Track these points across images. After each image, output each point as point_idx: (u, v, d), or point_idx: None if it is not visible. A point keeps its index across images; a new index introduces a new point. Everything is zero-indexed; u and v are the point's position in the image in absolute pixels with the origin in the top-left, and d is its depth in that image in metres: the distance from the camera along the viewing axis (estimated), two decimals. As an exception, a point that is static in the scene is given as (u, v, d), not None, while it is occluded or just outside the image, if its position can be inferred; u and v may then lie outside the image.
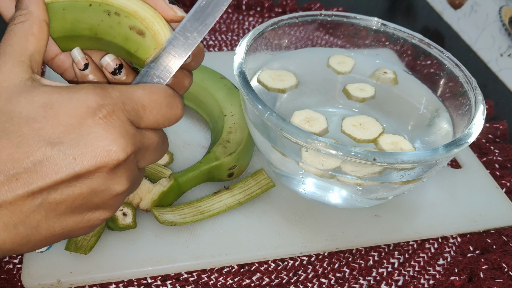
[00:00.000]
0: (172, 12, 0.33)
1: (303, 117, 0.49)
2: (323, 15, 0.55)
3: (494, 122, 0.64)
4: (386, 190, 0.45)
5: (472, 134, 0.42)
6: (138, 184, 0.33)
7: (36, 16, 0.31)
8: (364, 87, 0.54)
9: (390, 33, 0.56)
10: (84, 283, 0.43)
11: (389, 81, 0.55)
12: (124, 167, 0.29)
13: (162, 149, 0.33)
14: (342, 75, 0.56)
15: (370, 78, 0.56)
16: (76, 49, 0.34)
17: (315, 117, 0.49)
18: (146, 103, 0.30)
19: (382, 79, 0.55)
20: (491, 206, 0.53)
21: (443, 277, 0.47)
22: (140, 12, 0.32)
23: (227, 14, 0.82)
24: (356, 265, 0.47)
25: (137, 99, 0.30)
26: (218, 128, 0.53)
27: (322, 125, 0.48)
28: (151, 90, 0.31)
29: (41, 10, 0.31)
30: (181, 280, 0.44)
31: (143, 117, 0.30)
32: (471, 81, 0.49)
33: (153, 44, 0.32)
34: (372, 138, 0.48)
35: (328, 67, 0.56)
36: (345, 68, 0.56)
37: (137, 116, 0.30)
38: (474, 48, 0.82)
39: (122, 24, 0.32)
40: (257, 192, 0.49)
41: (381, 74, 0.55)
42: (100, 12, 0.32)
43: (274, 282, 0.45)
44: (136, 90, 0.30)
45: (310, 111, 0.50)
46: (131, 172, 0.30)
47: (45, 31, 0.31)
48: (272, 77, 0.52)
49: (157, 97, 0.31)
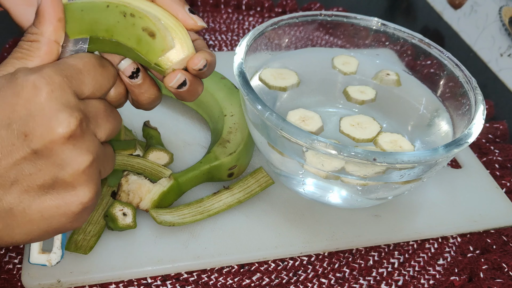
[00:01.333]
0: (192, 22, 0.33)
1: (298, 116, 0.49)
2: (323, 15, 0.55)
3: (494, 122, 0.64)
4: (386, 190, 0.45)
5: (472, 134, 0.42)
6: (109, 159, 0.33)
7: (47, 38, 0.31)
8: (365, 90, 0.54)
9: (390, 33, 0.56)
10: (84, 283, 0.43)
11: (392, 82, 0.55)
12: (80, 135, 0.29)
13: (113, 116, 0.33)
14: (343, 76, 0.56)
15: (373, 80, 0.56)
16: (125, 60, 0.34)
17: (310, 115, 0.49)
18: (81, 66, 0.31)
19: (385, 81, 0.55)
20: (491, 206, 0.53)
21: (443, 277, 0.47)
22: (153, 14, 0.32)
23: (227, 14, 0.82)
24: (356, 265, 0.47)
25: (72, 64, 0.30)
26: (218, 128, 0.53)
27: (317, 123, 0.48)
28: (79, 56, 0.32)
29: (55, 31, 0.32)
30: (181, 280, 0.44)
31: (84, 81, 0.31)
32: (471, 81, 0.49)
33: (161, 46, 0.32)
34: (371, 137, 0.48)
35: (333, 68, 0.56)
36: (350, 68, 0.56)
37: (77, 81, 0.30)
38: (474, 48, 0.82)
39: (136, 25, 0.32)
40: (256, 190, 0.49)
41: (384, 76, 0.55)
42: (116, 13, 0.32)
43: (274, 282, 0.45)
44: (67, 59, 0.31)
45: (305, 110, 0.50)
46: (90, 142, 0.30)
47: (54, 52, 0.32)
48: (274, 75, 0.52)
49: (87, 59, 0.31)
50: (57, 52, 0.32)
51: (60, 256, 0.39)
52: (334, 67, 0.56)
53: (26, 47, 0.31)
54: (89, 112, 0.31)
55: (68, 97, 0.29)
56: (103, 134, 0.32)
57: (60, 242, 0.39)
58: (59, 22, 0.32)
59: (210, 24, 0.79)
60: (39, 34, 0.31)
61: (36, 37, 0.31)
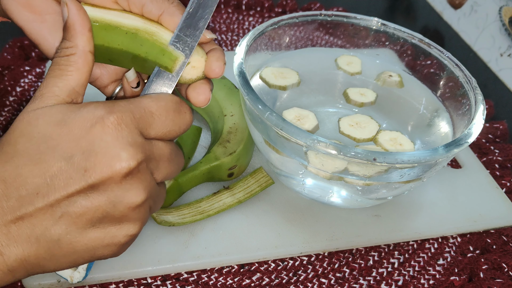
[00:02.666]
0: None
1: (293, 115, 0.49)
2: (323, 15, 0.55)
3: (494, 122, 0.64)
4: (386, 190, 0.45)
5: (472, 134, 0.42)
6: (161, 198, 0.34)
7: (82, 50, 0.32)
8: (365, 92, 0.54)
9: (390, 33, 0.56)
10: (84, 283, 0.43)
11: (395, 84, 0.55)
12: (137, 175, 0.29)
13: (176, 161, 0.33)
14: (343, 76, 0.56)
15: (376, 82, 0.55)
16: (131, 72, 0.36)
17: (305, 114, 0.49)
18: (153, 109, 0.31)
19: (388, 82, 0.55)
20: (491, 206, 0.53)
21: (443, 277, 0.47)
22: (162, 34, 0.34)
23: (227, 14, 0.82)
24: (356, 265, 0.47)
25: (145, 106, 0.31)
26: (218, 128, 0.53)
27: (312, 122, 0.48)
28: (157, 98, 0.32)
29: (88, 41, 0.32)
30: (181, 280, 0.44)
31: (152, 124, 0.31)
32: (471, 81, 0.49)
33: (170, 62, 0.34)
34: (370, 136, 0.48)
35: (338, 69, 0.56)
36: (355, 68, 0.56)
37: (146, 123, 0.30)
38: (474, 48, 0.82)
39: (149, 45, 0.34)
40: (256, 190, 0.49)
41: (387, 78, 0.55)
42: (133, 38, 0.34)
43: (274, 282, 0.45)
44: (143, 99, 0.31)
45: (299, 109, 0.50)
46: (147, 182, 0.30)
47: (90, 62, 0.32)
48: (275, 74, 0.52)
49: (164, 103, 0.32)
50: (92, 62, 0.32)
51: (83, 276, 0.40)
52: (339, 68, 0.56)
53: (63, 62, 0.31)
54: (152, 154, 0.31)
55: (134, 137, 0.29)
56: (160, 176, 0.32)
57: (87, 264, 0.40)
58: (90, 32, 0.32)
59: (210, 24, 0.79)
60: (74, 47, 0.31)
61: (72, 50, 0.31)
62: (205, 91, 0.35)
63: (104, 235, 0.30)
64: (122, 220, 0.30)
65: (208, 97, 0.35)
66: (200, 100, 0.35)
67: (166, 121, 0.31)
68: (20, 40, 0.69)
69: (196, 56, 0.34)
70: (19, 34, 0.71)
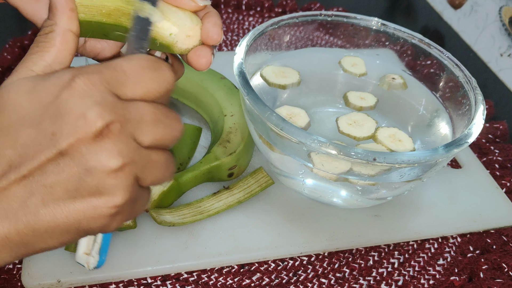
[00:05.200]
0: (193, 4, 0.33)
1: (284, 114, 0.49)
2: (323, 15, 0.55)
3: (494, 122, 0.64)
4: (386, 190, 0.45)
5: (472, 134, 0.42)
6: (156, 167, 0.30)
7: (62, 27, 0.31)
8: (366, 96, 0.54)
9: (390, 33, 0.56)
10: (84, 283, 0.43)
11: (400, 86, 0.54)
12: (108, 136, 0.27)
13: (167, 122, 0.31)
14: (343, 76, 0.56)
15: (380, 86, 0.55)
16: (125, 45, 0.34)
17: (296, 112, 0.49)
18: (126, 68, 0.29)
19: (393, 85, 0.54)
20: (491, 206, 0.53)
21: (443, 277, 0.47)
22: None
23: (227, 14, 0.82)
24: (356, 265, 0.47)
25: (116, 65, 0.29)
26: (218, 128, 0.53)
27: (304, 119, 0.48)
28: (129, 57, 0.30)
29: (68, 19, 0.31)
30: (181, 280, 0.44)
31: (126, 83, 0.29)
32: (471, 81, 0.49)
33: None
34: (370, 134, 0.48)
35: (344, 71, 0.56)
36: (360, 70, 0.56)
37: (118, 83, 0.29)
38: (474, 48, 0.82)
39: None
40: (256, 190, 0.49)
41: (391, 81, 0.55)
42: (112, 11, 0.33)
43: (274, 282, 0.45)
44: (114, 60, 0.30)
45: (290, 107, 0.50)
46: (122, 145, 0.28)
47: (70, 41, 0.31)
48: (276, 72, 0.52)
49: (136, 61, 0.30)
50: (72, 41, 0.31)
51: (98, 261, 0.38)
52: (345, 70, 0.56)
53: (41, 39, 0.31)
54: (129, 114, 0.29)
55: (104, 96, 0.28)
56: (148, 140, 0.29)
57: (99, 247, 0.38)
58: (72, 12, 0.32)
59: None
60: (53, 25, 0.31)
61: (51, 28, 0.31)
62: (207, 54, 0.34)
63: (85, 206, 0.28)
64: (101, 188, 0.28)
65: (210, 60, 0.34)
66: (201, 63, 0.34)
67: (142, 79, 0.29)
68: (20, 40, 0.69)
69: (190, 24, 0.33)
70: (19, 34, 0.71)
